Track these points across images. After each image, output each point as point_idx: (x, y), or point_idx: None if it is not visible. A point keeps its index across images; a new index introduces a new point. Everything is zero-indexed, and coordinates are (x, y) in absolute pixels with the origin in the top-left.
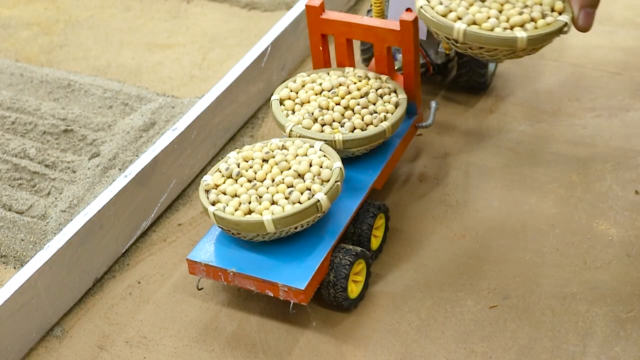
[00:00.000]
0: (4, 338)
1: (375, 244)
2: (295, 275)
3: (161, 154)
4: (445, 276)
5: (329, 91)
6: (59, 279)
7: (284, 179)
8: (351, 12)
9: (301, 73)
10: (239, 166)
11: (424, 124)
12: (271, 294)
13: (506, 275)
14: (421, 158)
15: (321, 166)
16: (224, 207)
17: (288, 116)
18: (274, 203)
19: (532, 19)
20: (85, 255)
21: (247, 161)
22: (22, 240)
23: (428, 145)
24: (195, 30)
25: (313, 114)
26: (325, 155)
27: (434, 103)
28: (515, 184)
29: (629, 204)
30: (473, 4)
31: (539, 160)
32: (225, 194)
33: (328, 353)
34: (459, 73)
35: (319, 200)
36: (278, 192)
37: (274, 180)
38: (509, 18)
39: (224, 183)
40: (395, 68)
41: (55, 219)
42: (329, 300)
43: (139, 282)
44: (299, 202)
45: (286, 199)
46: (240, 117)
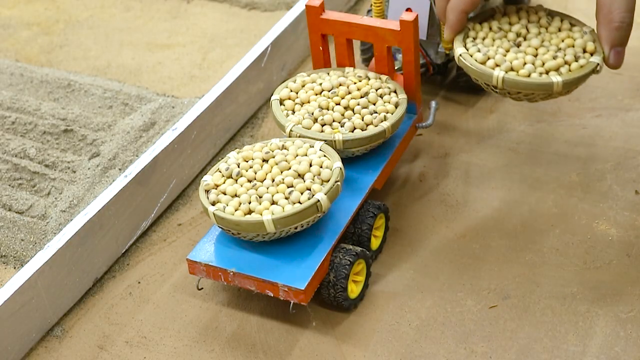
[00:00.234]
0: (4, 338)
1: (375, 244)
2: (295, 275)
3: (161, 154)
4: (445, 276)
5: (329, 91)
6: (59, 279)
7: (284, 179)
8: (351, 12)
9: (301, 73)
10: (239, 166)
11: (424, 124)
12: (271, 294)
13: (506, 275)
14: (421, 158)
15: (321, 166)
16: (224, 207)
17: (288, 116)
18: (274, 203)
19: (566, 62)
20: (85, 255)
21: (247, 161)
22: (22, 240)
23: (428, 145)
24: (195, 30)
25: (313, 114)
26: (325, 155)
27: (434, 103)
28: (515, 184)
29: (629, 204)
30: (509, 50)
31: (539, 160)
32: (225, 194)
33: (328, 353)
34: (459, 73)
35: (319, 200)
36: (278, 192)
37: (274, 180)
38: (544, 62)
39: (224, 183)
40: (395, 68)
41: (55, 219)
42: (329, 300)
43: (139, 282)
44: (299, 202)
45: (286, 199)
46: (240, 117)
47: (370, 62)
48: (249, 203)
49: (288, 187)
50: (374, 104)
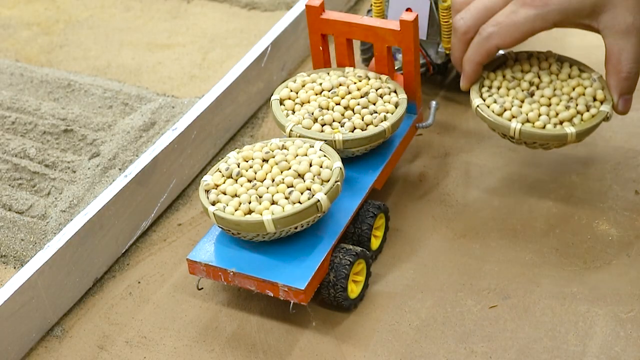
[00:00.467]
0: (4, 338)
1: (375, 244)
2: (295, 275)
3: (161, 154)
4: (445, 276)
5: (329, 91)
6: (59, 279)
7: (284, 178)
8: (351, 12)
9: (301, 73)
10: (239, 166)
11: (424, 124)
12: (271, 294)
13: (506, 275)
14: (421, 158)
15: (321, 166)
16: (224, 207)
17: (288, 116)
18: (274, 203)
19: (578, 112)
20: (85, 255)
21: (247, 161)
22: (22, 240)
23: (428, 145)
24: (195, 30)
25: (313, 114)
26: (325, 155)
27: (434, 103)
28: (515, 184)
29: (629, 204)
30: (524, 100)
31: (539, 160)
32: (225, 194)
33: (328, 353)
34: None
35: (319, 200)
36: (278, 192)
37: (274, 180)
38: (558, 113)
39: (224, 183)
40: (395, 68)
41: (55, 219)
42: (329, 300)
43: (139, 282)
44: (299, 202)
45: (286, 198)
46: (240, 117)
47: (370, 62)
48: (249, 203)
49: (288, 187)
50: (374, 104)
